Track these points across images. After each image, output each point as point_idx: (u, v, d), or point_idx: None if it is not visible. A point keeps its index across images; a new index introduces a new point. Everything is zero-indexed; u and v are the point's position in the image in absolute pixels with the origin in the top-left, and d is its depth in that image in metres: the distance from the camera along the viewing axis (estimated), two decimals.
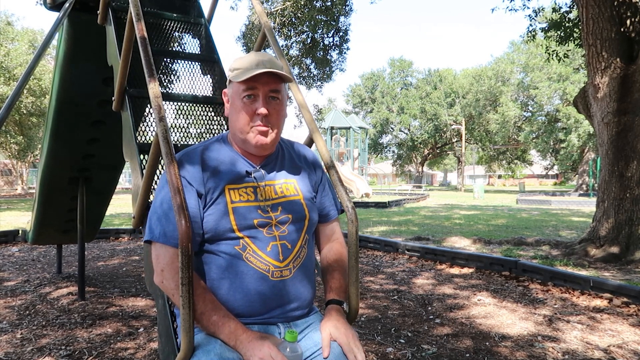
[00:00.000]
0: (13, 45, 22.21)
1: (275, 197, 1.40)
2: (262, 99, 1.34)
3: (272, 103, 1.36)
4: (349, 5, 14.34)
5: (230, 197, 1.33)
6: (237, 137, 1.39)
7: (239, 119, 1.36)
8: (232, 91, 1.39)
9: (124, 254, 6.52)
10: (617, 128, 5.79)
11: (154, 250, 1.31)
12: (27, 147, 25.50)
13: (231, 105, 1.40)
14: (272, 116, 1.35)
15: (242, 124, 1.36)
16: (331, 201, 1.56)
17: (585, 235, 6.24)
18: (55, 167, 4.11)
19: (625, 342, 3.07)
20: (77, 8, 3.03)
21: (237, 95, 1.36)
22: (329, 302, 1.42)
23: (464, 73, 45.13)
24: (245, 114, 1.35)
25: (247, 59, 1.36)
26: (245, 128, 1.35)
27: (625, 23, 5.75)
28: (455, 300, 4.15)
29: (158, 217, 1.31)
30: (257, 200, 1.36)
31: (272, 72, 1.33)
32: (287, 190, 1.43)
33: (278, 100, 1.37)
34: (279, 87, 1.37)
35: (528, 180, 61.83)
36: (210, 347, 1.21)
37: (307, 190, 1.47)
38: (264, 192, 1.38)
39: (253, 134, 1.35)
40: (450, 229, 9.37)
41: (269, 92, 1.35)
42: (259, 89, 1.34)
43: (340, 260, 1.51)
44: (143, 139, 2.27)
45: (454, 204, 19.20)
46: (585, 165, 30.10)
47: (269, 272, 1.32)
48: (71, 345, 3.03)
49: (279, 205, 1.39)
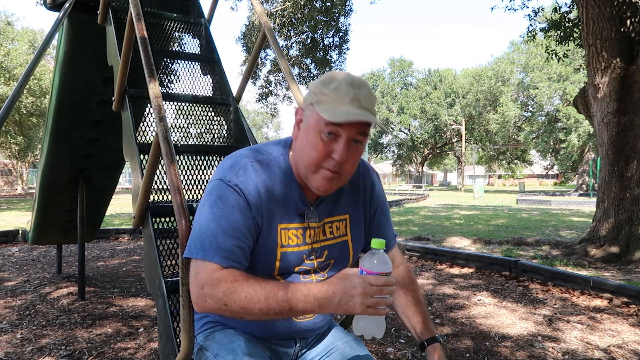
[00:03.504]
0: (13, 45, 22.19)
1: (323, 239, 1.24)
2: (344, 142, 1.08)
3: (352, 147, 1.11)
4: (349, 5, 14.36)
5: (281, 240, 1.17)
6: (301, 170, 1.16)
7: (310, 155, 1.11)
8: (310, 117, 1.11)
9: (124, 254, 6.52)
10: (617, 128, 5.79)
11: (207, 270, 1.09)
12: (27, 147, 25.52)
13: (305, 132, 1.13)
14: (347, 163, 1.11)
15: (312, 162, 1.11)
16: (391, 227, 1.40)
17: (585, 235, 6.24)
18: (55, 167, 4.11)
19: (625, 342, 3.07)
20: (77, 8, 3.03)
21: (317, 127, 1.09)
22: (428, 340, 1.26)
23: (464, 73, 45.16)
24: (319, 152, 1.10)
25: (341, 87, 1.08)
26: (312, 168, 1.12)
27: (625, 23, 5.75)
28: (455, 300, 4.15)
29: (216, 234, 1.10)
30: (304, 244, 1.20)
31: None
32: (337, 230, 1.27)
33: (359, 145, 1.12)
34: (367, 131, 1.12)
35: (528, 180, 61.85)
36: (235, 346, 1.15)
37: (359, 224, 1.31)
38: (313, 235, 1.22)
39: (319, 176, 1.12)
40: (450, 229, 9.37)
41: (355, 135, 1.09)
42: (344, 130, 1.08)
43: (411, 286, 1.34)
44: (143, 139, 2.27)
45: (454, 204, 19.20)
46: (585, 165, 30.11)
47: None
48: (71, 345, 3.03)
49: (325, 249, 1.24)
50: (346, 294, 0.98)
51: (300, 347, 1.32)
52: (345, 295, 0.98)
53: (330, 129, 1.08)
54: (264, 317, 1.04)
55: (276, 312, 1.02)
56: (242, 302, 1.02)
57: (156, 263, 1.75)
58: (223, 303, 1.03)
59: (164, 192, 2.10)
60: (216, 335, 1.24)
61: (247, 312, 1.03)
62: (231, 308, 1.03)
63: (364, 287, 0.97)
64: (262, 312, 1.02)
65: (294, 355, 1.32)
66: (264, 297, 1.02)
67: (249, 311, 1.03)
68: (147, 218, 1.86)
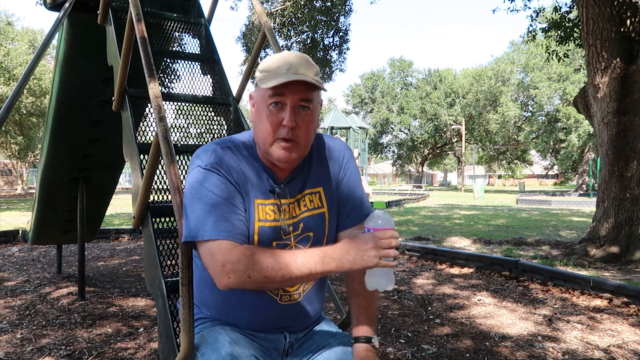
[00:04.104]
0: (13, 45, 22.20)
1: (299, 214, 1.28)
2: (290, 108, 1.16)
3: (301, 113, 1.18)
4: (349, 5, 14.37)
5: (258, 214, 1.22)
6: (261, 147, 1.24)
7: (262, 129, 1.19)
8: (257, 95, 1.22)
9: (124, 254, 6.52)
10: (617, 128, 5.79)
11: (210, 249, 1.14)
12: (27, 147, 25.51)
13: (256, 111, 1.23)
14: (300, 129, 1.18)
15: (266, 135, 1.19)
16: (363, 193, 1.38)
17: (585, 235, 6.24)
18: (55, 167, 4.11)
19: (625, 342, 3.07)
20: (77, 8, 3.03)
21: (263, 101, 1.19)
22: (355, 339, 1.30)
23: (464, 73, 45.17)
24: (269, 123, 1.18)
25: (277, 59, 1.18)
26: (269, 139, 1.19)
27: (625, 23, 5.75)
28: (455, 300, 4.15)
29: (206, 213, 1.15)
30: (281, 219, 1.25)
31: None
32: (311, 203, 1.30)
33: (308, 111, 1.19)
34: (310, 96, 1.18)
35: (528, 180, 61.84)
36: (219, 345, 1.18)
37: (333, 196, 1.34)
38: (288, 210, 1.26)
39: (277, 148, 1.18)
40: (450, 229, 9.37)
41: (298, 101, 1.17)
42: (287, 97, 1.16)
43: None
44: (143, 139, 2.27)
45: (454, 204, 19.20)
46: (585, 165, 30.10)
47: (278, 296, 1.27)
48: (71, 345, 3.03)
49: (301, 222, 1.28)
50: (359, 250, 1.08)
51: (290, 343, 1.32)
52: (359, 251, 1.08)
53: (275, 99, 1.17)
54: (285, 284, 1.16)
55: (297, 276, 1.10)
56: (265, 272, 1.09)
57: (156, 263, 1.75)
58: (247, 276, 1.09)
59: (164, 192, 2.10)
60: (204, 334, 1.26)
61: (270, 281, 1.10)
62: (255, 279, 1.09)
63: (375, 241, 1.07)
64: (284, 278, 1.10)
65: (284, 351, 1.32)
66: (284, 265, 1.09)
67: (272, 279, 1.09)
68: (147, 218, 1.86)
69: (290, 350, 1.33)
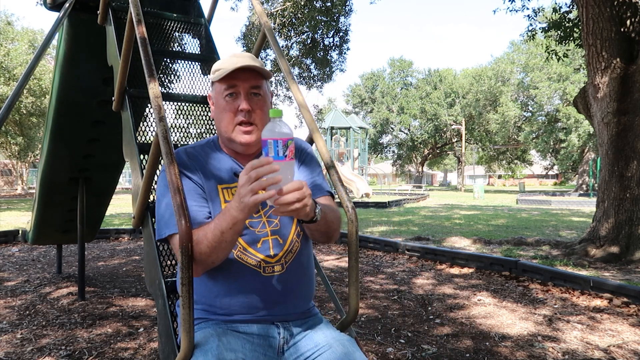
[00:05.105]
0: (13, 45, 22.19)
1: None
2: (243, 95, 1.35)
3: (254, 99, 1.36)
4: (349, 5, 14.35)
5: (224, 197, 1.35)
6: (223, 137, 1.40)
7: (223, 118, 1.37)
8: (214, 93, 1.41)
9: (124, 254, 6.52)
10: (617, 128, 5.79)
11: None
12: (27, 147, 25.50)
13: (215, 106, 1.41)
14: (255, 112, 1.35)
15: (226, 123, 1.36)
16: (321, 180, 1.49)
17: (585, 235, 6.24)
18: (55, 167, 4.11)
19: (625, 342, 3.07)
20: (77, 8, 3.03)
21: (220, 95, 1.37)
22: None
23: (464, 73, 45.16)
24: (228, 112, 1.35)
25: (226, 59, 1.38)
26: (230, 126, 1.36)
27: (625, 23, 5.75)
28: (455, 300, 4.15)
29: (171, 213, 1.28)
30: None
31: (252, 69, 1.34)
32: None
33: (260, 97, 1.37)
34: (259, 83, 1.37)
35: (528, 180, 61.84)
36: (208, 347, 1.21)
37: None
38: None
39: (238, 133, 1.36)
40: (450, 229, 9.37)
41: (249, 88, 1.36)
42: (239, 86, 1.35)
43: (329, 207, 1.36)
44: (143, 139, 2.27)
45: (454, 204, 19.20)
46: (585, 165, 30.10)
47: (261, 268, 1.33)
48: (71, 345, 3.03)
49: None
50: (238, 194, 1.11)
51: (284, 339, 1.34)
52: (237, 195, 1.11)
53: (229, 90, 1.35)
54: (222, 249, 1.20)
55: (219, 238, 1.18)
56: (201, 245, 1.19)
57: (156, 263, 1.75)
58: (198, 253, 1.20)
59: None
60: (197, 334, 1.28)
61: (212, 250, 1.20)
62: (204, 254, 1.20)
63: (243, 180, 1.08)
64: (215, 242, 1.18)
65: (279, 348, 1.33)
66: (209, 231, 1.19)
67: (211, 247, 1.19)
68: (147, 218, 1.86)
69: (285, 347, 1.34)
